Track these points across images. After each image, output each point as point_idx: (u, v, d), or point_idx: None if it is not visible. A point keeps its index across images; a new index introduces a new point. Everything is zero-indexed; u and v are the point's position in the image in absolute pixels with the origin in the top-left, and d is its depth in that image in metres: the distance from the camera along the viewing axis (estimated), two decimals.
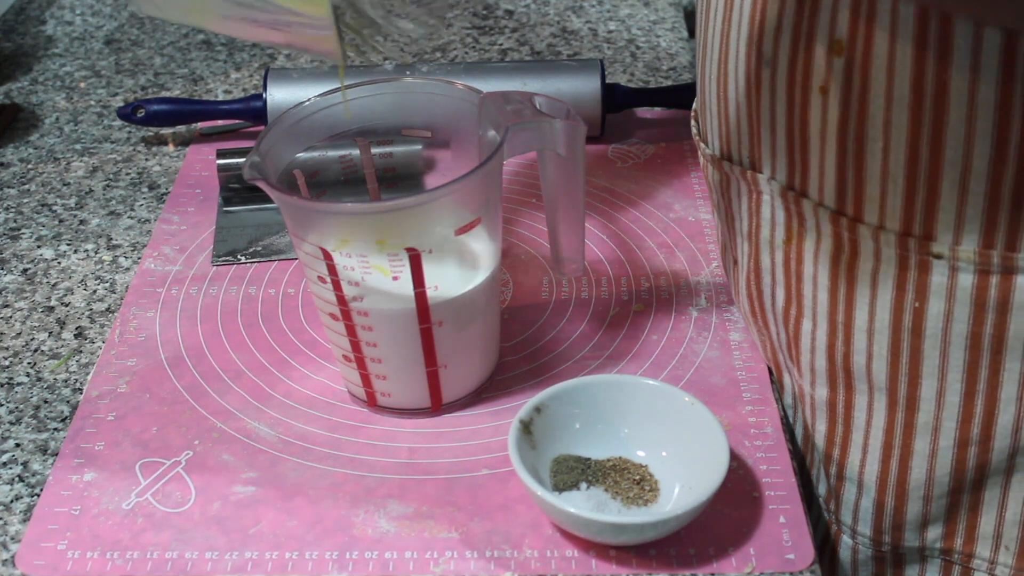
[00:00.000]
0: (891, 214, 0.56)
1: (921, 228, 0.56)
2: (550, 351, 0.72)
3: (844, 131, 0.56)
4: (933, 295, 0.57)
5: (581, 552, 0.59)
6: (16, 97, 1.05)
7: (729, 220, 0.67)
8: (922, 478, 0.62)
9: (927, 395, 0.60)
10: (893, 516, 0.64)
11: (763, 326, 0.68)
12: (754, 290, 0.67)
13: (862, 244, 0.58)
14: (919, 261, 0.56)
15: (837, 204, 0.58)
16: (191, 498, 0.63)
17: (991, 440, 0.59)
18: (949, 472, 0.61)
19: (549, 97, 0.65)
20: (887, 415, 0.61)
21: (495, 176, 0.64)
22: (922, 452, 0.61)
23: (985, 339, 0.57)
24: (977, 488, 0.61)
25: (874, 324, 0.59)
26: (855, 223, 0.57)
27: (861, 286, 0.59)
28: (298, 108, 0.66)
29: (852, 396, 0.63)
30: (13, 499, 0.64)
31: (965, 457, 0.60)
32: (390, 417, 0.68)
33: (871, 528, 0.65)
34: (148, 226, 0.86)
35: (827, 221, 0.59)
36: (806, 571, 0.58)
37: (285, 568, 0.59)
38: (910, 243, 0.56)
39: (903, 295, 0.58)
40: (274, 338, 0.75)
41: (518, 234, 0.84)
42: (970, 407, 0.59)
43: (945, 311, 0.57)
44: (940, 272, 0.56)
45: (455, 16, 1.17)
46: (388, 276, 0.62)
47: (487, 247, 0.66)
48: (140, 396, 0.70)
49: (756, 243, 0.65)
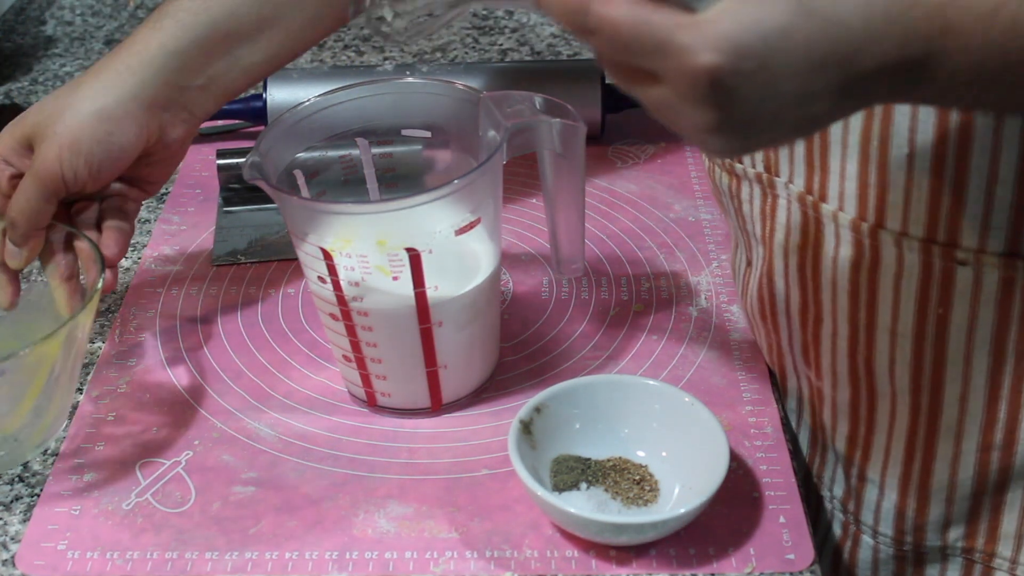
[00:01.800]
0: (915, 220, 0.56)
1: (946, 235, 0.55)
2: (550, 351, 0.72)
3: (867, 138, 0.55)
4: (957, 301, 0.57)
5: (581, 552, 0.59)
6: (16, 97, 1.05)
7: (741, 222, 0.67)
8: (944, 481, 0.62)
9: (950, 399, 0.59)
10: (915, 517, 0.64)
11: (772, 328, 0.68)
12: (766, 292, 0.67)
13: (884, 250, 0.57)
14: (943, 267, 0.56)
15: (858, 211, 0.58)
16: (191, 498, 0.63)
17: (1015, 444, 0.59)
18: (972, 475, 0.61)
19: (549, 97, 0.65)
20: (910, 418, 0.61)
21: (495, 176, 0.64)
22: (945, 455, 0.61)
23: (1010, 345, 0.57)
24: (1000, 490, 0.61)
25: (897, 327, 0.59)
26: (877, 229, 0.57)
27: (883, 291, 0.59)
28: (298, 108, 0.66)
29: (875, 399, 0.63)
30: (13, 499, 0.64)
31: (988, 461, 0.60)
32: (390, 417, 0.68)
33: (892, 528, 0.66)
34: (148, 226, 0.86)
35: (847, 227, 0.58)
36: (806, 571, 0.58)
37: (285, 568, 0.59)
38: (934, 249, 0.56)
39: (927, 301, 0.57)
40: (274, 338, 0.75)
41: (518, 234, 0.83)
42: (993, 412, 0.59)
43: (969, 317, 0.57)
44: (964, 278, 0.56)
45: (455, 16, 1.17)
46: (388, 276, 0.62)
47: (487, 247, 0.66)
48: (140, 396, 0.70)
49: (770, 246, 0.64)
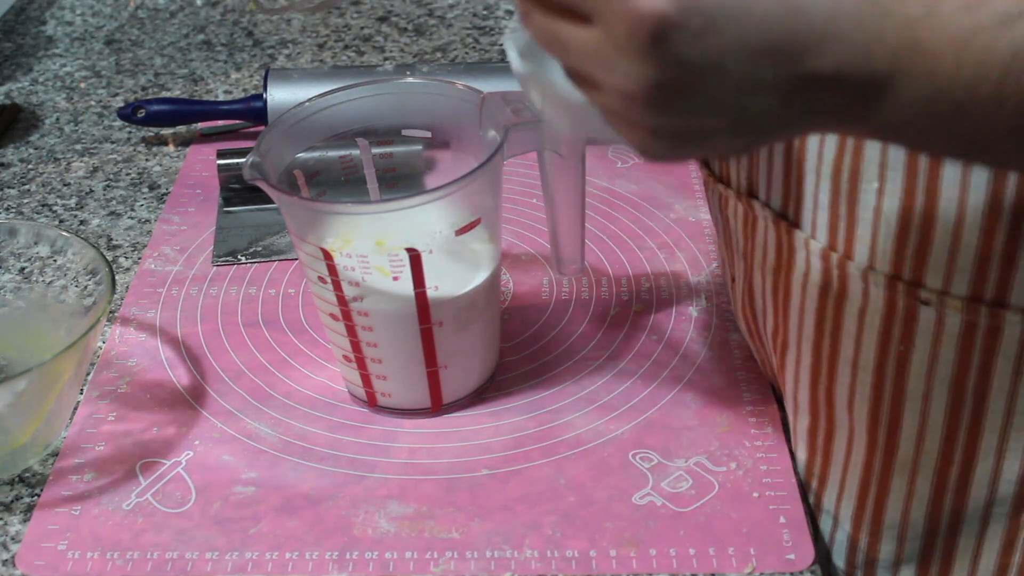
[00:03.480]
0: (881, 256, 0.55)
1: (911, 273, 0.54)
2: (550, 351, 0.72)
3: (839, 169, 0.54)
4: (919, 340, 0.56)
5: (581, 552, 0.59)
6: (16, 97, 1.05)
7: (727, 237, 0.67)
8: (897, 518, 0.61)
9: (907, 436, 0.58)
10: (866, 552, 0.63)
11: (760, 346, 0.68)
12: (748, 310, 0.67)
13: (851, 282, 0.56)
14: (907, 305, 0.55)
15: (828, 240, 0.57)
16: (191, 498, 0.63)
17: (968, 488, 0.58)
18: (924, 515, 0.60)
19: None
20: (866, 452, 0.60)
21: (495, 176, 0.64)
22: (899, 492, 0.60)
23: (969, 387, 0.56)
24: (952, 534, 0.60)
25: (859, 360, 0.58)
26: (845, 260, 0.56)
27: (848, 323, 0.58)
28: (298, 108, 0.66)
29: (833, 430, 0.62)
30: (13, 499, 0.64)
31: (941, 502, 0.59)
32: (390, 417, 0.68)
33: (844, 561, 0.65)
34: (148, 226, 0.86)
35: (817, 256, 0.57)
36: (806, 571, 0.58)
37: (285, 568, 0.59)
38: (899, 287, 0.55)
39: (889, 337, 0.56)
40: (274, 338, 0.75)
41: (518, 234, 0.84)
42: (949, 453, 0.58)
43: (930, 356, 0.56)
44: (927, 318, 0.55)
45: (455, 16, 1.17)
46: (388, 276, 0.62)
47: (487, 247, 0.66)
48: (140, 396, 0.70)
49: (751, 263, 0.64)
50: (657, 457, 0.65)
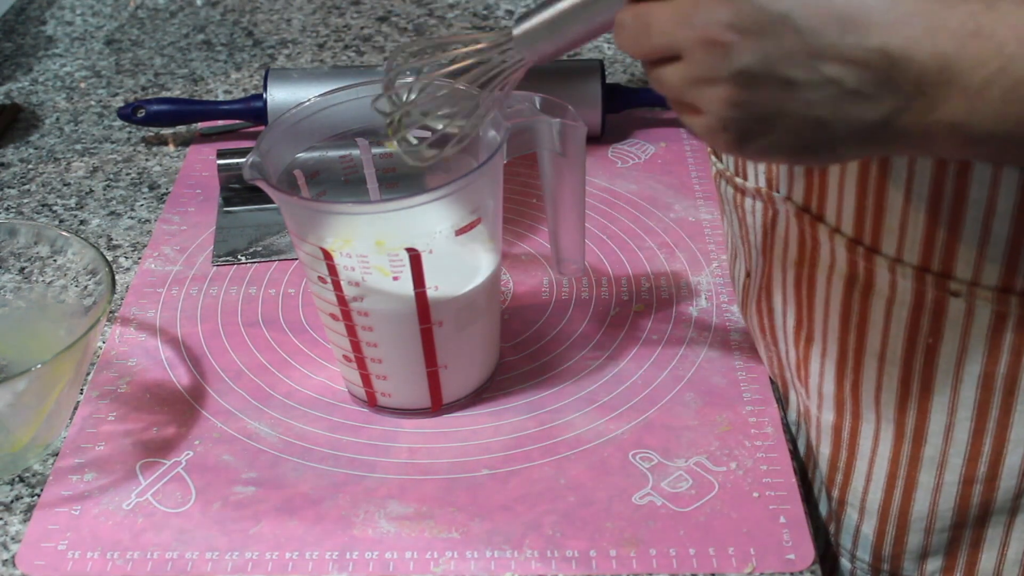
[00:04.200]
0: (910, 247, 0.55)
1: (940, 264, 0.54)
2: (550, 351, 0.72)
3: (866, 161, 0.54)
4: (948, 332, 0.56)
5: (581, 552, 0.59)
6: (16, 97, 1.05)
7: (744, 232, 0.66)
8: (925, 511, 0.61)
9: (935, 429, 0.59)
10: (893, 545, 0.64)
11: (771, 342, 0.68)
12: (764, 307, 0.66)
13: (878, 275, 0.57)
14: (936, 297, 0.55)
15: (855, 232, 0.57)
16: (191, 498, 0.63)
17: (997, 479, 0.59)
18: (952, 507, 0.61)
19: (549, 97, 0.65)
20: (893, 446, 0.61)
21: (495, 176, 0.64)
22: (927, 485, 0.61)
23: (998, 379, 0.56)
24: (980, 525, 0.61)
25: (886, 353, 0.58)
26: (872, 253, 0.56)
27: (875, 315, 0.58)
28: (298, 108, 0.66)
29: (859, 424, 0.62)
30: (13, 499, 0.64)
31: (970, 494, 0.60)
32: (390, 417, 0.68)
33: (870, 555, 0.65)
34: (148, 226, 0.86)
35: (843, 248, 0.57)
36: (806, 571, 0.58)
37: (285, 568, 0.59)
38: (927, 278, 0.55)
39: (917, 329, 0.57)
40: (274, 338, 0.75)
41: (518, 234, 0.83)
42: (978, 445, 0.58)
43: (959, 349, 0.56)
44: (957, 310, 0.55)
45: (455, 16, 1.17)
46: (388, 276, 0.62)
47: (487, 247, 0.66)
48: (140, 396, 0.70)
49: (770, 259, 0.64)
50: (657, 457, 0.65)
